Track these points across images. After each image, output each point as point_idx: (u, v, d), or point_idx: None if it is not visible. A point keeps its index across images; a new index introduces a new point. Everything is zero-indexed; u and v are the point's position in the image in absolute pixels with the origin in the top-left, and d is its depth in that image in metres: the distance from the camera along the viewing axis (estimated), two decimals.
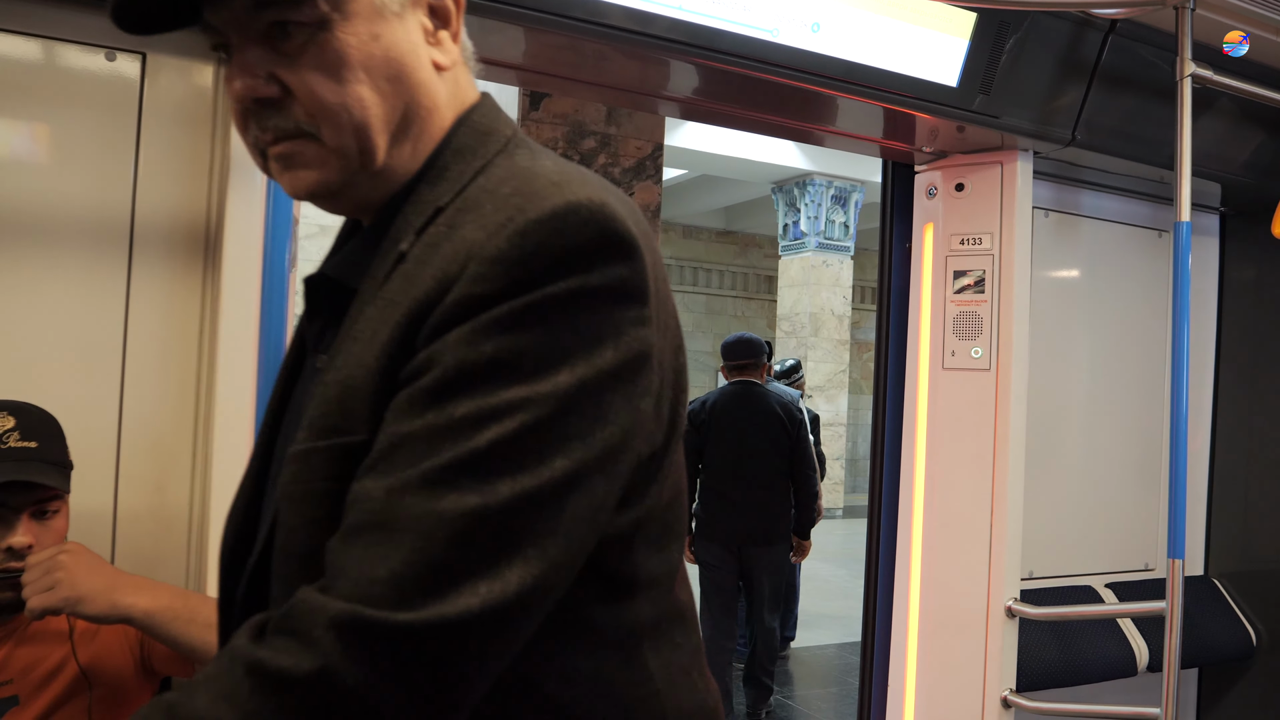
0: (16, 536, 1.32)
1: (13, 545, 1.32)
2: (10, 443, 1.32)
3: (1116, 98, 2.42)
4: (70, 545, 1.33)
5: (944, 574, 2.53)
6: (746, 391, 4.07)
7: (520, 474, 0.65)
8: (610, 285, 0.69)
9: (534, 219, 0.67)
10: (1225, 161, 2.73)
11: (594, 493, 0.69)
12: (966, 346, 2.52)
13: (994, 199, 2.51)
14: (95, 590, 1.28)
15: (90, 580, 1.28)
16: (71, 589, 1.26)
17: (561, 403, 0.66)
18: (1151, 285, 2.96)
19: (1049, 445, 2.73)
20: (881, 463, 2.72)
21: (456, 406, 0.65)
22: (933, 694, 2.53)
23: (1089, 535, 2.84)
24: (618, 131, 4.13)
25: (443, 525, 0.63)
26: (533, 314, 0.66)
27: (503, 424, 0.65)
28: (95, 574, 1.29)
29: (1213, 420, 3.14)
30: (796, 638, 5.85)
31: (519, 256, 0.66)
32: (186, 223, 1.71)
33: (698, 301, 15.16)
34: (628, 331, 0.70)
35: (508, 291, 0.66)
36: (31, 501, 1.34)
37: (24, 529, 1.33)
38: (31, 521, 1.34)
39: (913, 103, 2.20)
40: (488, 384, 0.65)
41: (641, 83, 2.13)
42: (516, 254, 0.66)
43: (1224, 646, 2.92)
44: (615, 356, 0.69)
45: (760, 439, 3.99)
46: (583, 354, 0.67)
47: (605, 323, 0.68)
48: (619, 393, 0.69)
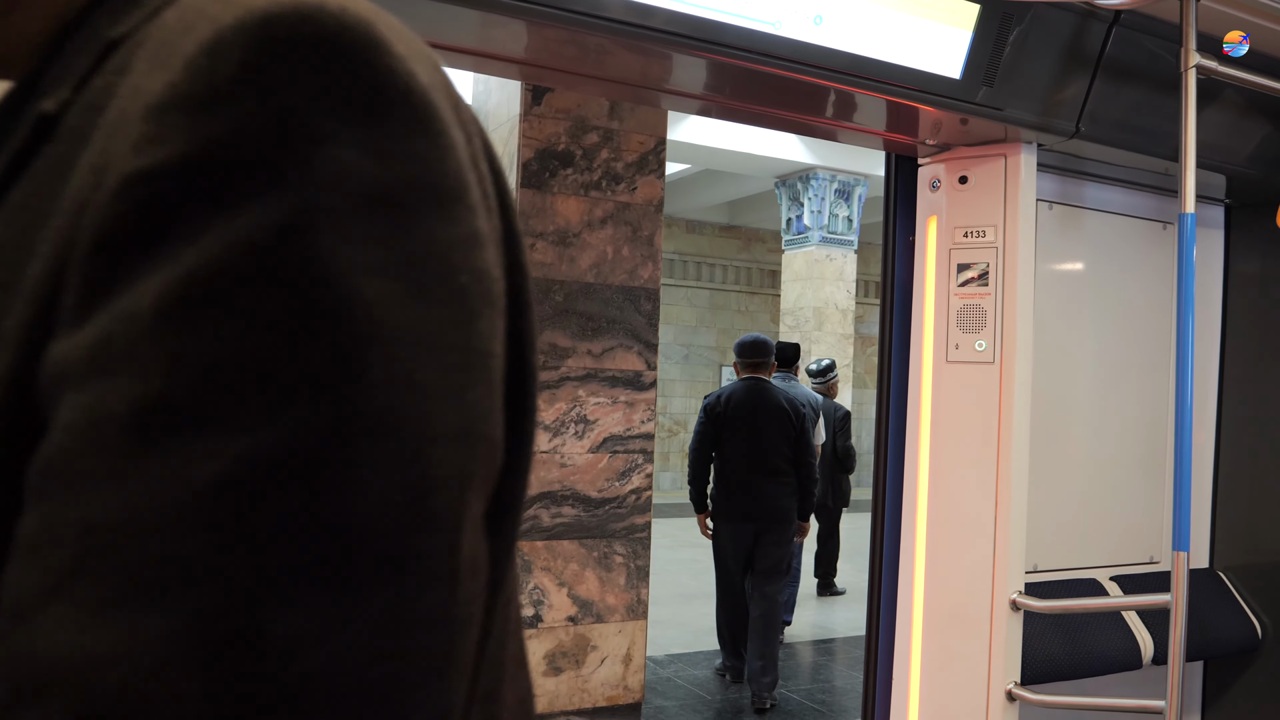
0: None
1: None
2: None
3: (1121, 89, 2.41)
4: None
5: (948, 567, 2.53)
6: (757, 387, 4.57)
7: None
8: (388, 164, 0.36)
9: (231, 28, 0.36)
10: (1230, 153, 2.72)
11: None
12: (970, 340, 2.51)
13: (998, 191, 2.50)
14: None
15: None
16: None
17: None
18: (1156, 278, 2.95)
19: (1053, 438, 2.72)
20: (885, 456, 2.71)
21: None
22: (937, 687, 2.53)
23: (1093, 528, 2.84)
24: (620, 126, 4.12)
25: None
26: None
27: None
28: None
29: (1218, 413, 3.13)
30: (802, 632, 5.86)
31: (206, 94, 0.35)
32: None
33: (701, 296, 15.15)
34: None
35: (189, 162, 0.34)
36: None
37: None
38: None
39: (916, 95, 2.20)
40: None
41: (644, 77, 2.12)
42: (202, 90, 0.35)
43: (1229, 639, 2.92)
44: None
45: (768, 430, 4.47)
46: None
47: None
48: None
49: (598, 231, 4.08)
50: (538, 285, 3.96)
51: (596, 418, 4.08)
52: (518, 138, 3.95)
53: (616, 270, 4.11)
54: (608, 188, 4.10)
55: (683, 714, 4.40)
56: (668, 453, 14.68)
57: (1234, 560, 3.08)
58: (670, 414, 14.73)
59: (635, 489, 4.16)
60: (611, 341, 4.11)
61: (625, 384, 4.14)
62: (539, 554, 3.98)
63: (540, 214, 3.97)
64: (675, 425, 14.82)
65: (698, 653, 5.41)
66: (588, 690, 4.08)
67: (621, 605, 4.14)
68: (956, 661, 2.49)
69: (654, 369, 4.22)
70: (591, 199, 4.07)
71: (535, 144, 3.96)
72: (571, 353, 4.04)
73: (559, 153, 4.00)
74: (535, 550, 3.97)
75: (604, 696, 4.11)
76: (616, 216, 4.12)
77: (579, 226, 4.05)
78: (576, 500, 4.05)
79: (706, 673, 5.05)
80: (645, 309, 4.19)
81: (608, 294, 4.10)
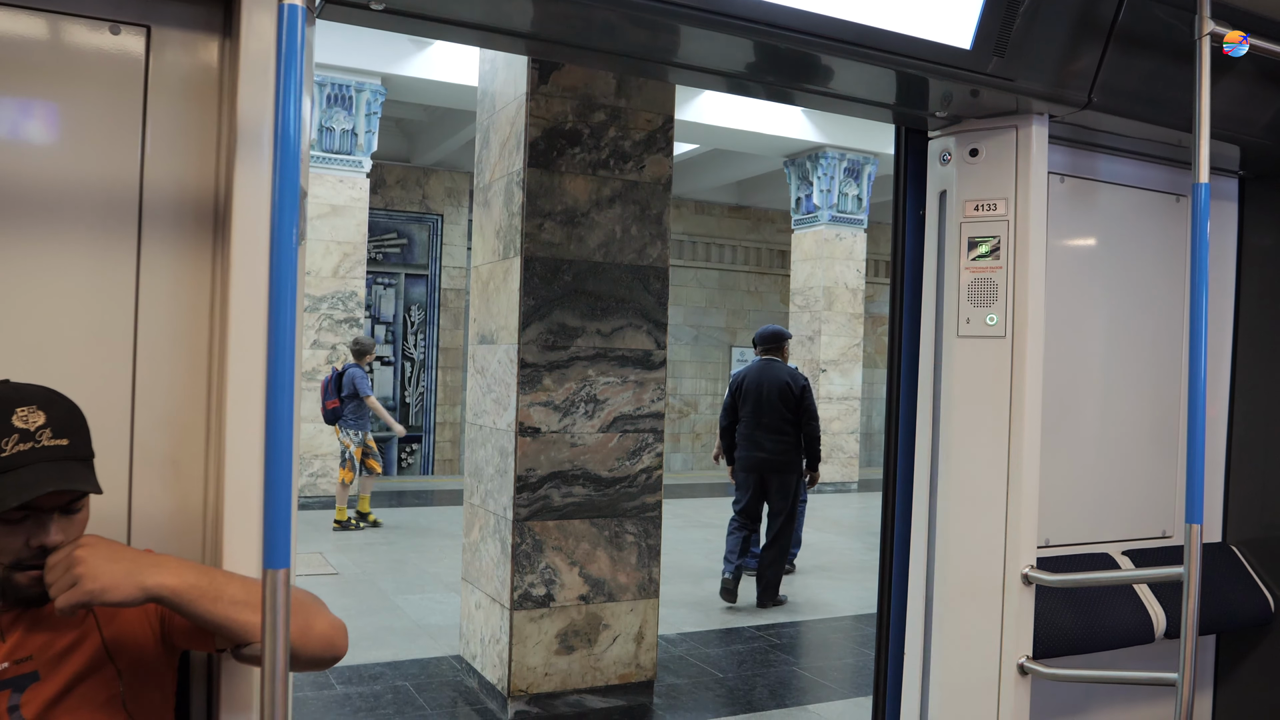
0: (50, 536, 1.33)
1: (46, 544, 1.33)
2: (44, 440, 1.32)
3: (1134, 59, 2.38)
4: (86, 539, 1.34)
5: (960, 542, 2.52)
6: (768, 365, 5.95)
7: None
8: None
9: None
10: (1245, 124, 2.69)
11: None
12: (981, 314, 2.49)
13: (1009, 164, 2.48)
14: (117, 578, 1.29)
15: (111, 569, 1.29)
16: (93, 581, 1.28)
17: None
18: (1168, 250, 2.93)
19: (1064, 412, 2.71)
20: (896, 430, 2.71)
21: None
22: (949, 661, 2.52)
23: (1106, 503, 2.83)
24: (627, 104, 4.10)
25: None
26: None
27: None
28: (114, 561, 1.31)
29: (1230, 388, 3.11)
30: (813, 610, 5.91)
31: None
32: (195, 198, 1.70)
33: (710, 277, 15.12)
34: None
35: None
36: (63, 501, 1.35)
37: (55, 528, 1.34)
38: (60, 518, 1.35)
39: (926, 66, 2.17)
40: None
41: (651, 50, 2.10)
42: None
43: (1242, 613, 2.91)
44: None
45: (772, 398, 5.80)
46: None
47: None
48: None
49: (606, 211, 4.07)
50: (546, 265, 3.96)
51: (606, 397, 4.08)
52: (525, 117, 3.93)
53: (625, 249, 4.10)
54: (616, 166, 4.08)
55: (695, 691, 4.42)
56: (678, 434, 14.69)
57: (1247, 534, 3.07)
58: (680, 395, 14.73)
59: (646, 468, 4.16)
60: (621, 321, 4.10)
61: (635, 363, 4.13)
62: (550, 533, 3.99)
63: (548, 193, 3.95)
64: (685, 406, 14.82)
65: (710, 631, 5.43)
66: (600, 669, 4.10)
67: (633, 584, 4.16)
68: (968, 635, 2.48)
69: (663, 348, 4.21)
70: (599, 178, 4.05)
71: (542, 123, 3.94)
72: (581, 332, 4.03)
73: (566, 131, 3.99)
74: (546, 530, 3.98)
75: (616, 675, 4.13)
76: (625, 195, 4.10)
77: (587, 206, 4.03)
78: (587, 480, 4.05)
79: (719, 651, 5.07)
80: (654, 288, 4.18)
81: (617, 273, 4.09)
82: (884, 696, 2.75)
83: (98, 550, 1.31)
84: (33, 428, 1.32)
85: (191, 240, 1.70)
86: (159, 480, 1.66)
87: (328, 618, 1.45)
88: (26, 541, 1.32)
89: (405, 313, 12.64)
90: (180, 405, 1.67)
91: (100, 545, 1.33)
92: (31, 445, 1.30)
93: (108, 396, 1.62)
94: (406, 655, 4.80)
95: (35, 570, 1.33)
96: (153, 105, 1.67)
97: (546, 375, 3.98)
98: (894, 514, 2.71)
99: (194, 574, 1.35)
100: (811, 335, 11.93)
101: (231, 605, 1.35)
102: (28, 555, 1.33)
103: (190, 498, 1.68)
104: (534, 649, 3.97)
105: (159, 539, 1.64)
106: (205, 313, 1.69)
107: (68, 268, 1.61)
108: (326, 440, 9.28)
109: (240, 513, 1.58)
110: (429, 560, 7.06)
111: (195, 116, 1.70)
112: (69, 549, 1.31)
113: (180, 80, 1.69)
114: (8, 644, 1.37)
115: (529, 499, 3.95)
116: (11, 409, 1.32)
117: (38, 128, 1.61)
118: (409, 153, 12.59)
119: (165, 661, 1.50)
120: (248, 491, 1.58)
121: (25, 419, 1.32)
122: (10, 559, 1.33)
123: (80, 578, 1.28)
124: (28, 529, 1.32)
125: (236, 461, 1.59)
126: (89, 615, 1.42)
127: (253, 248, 1.62)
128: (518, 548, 3.94)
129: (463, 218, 12.72)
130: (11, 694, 1.35)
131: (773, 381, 5.81)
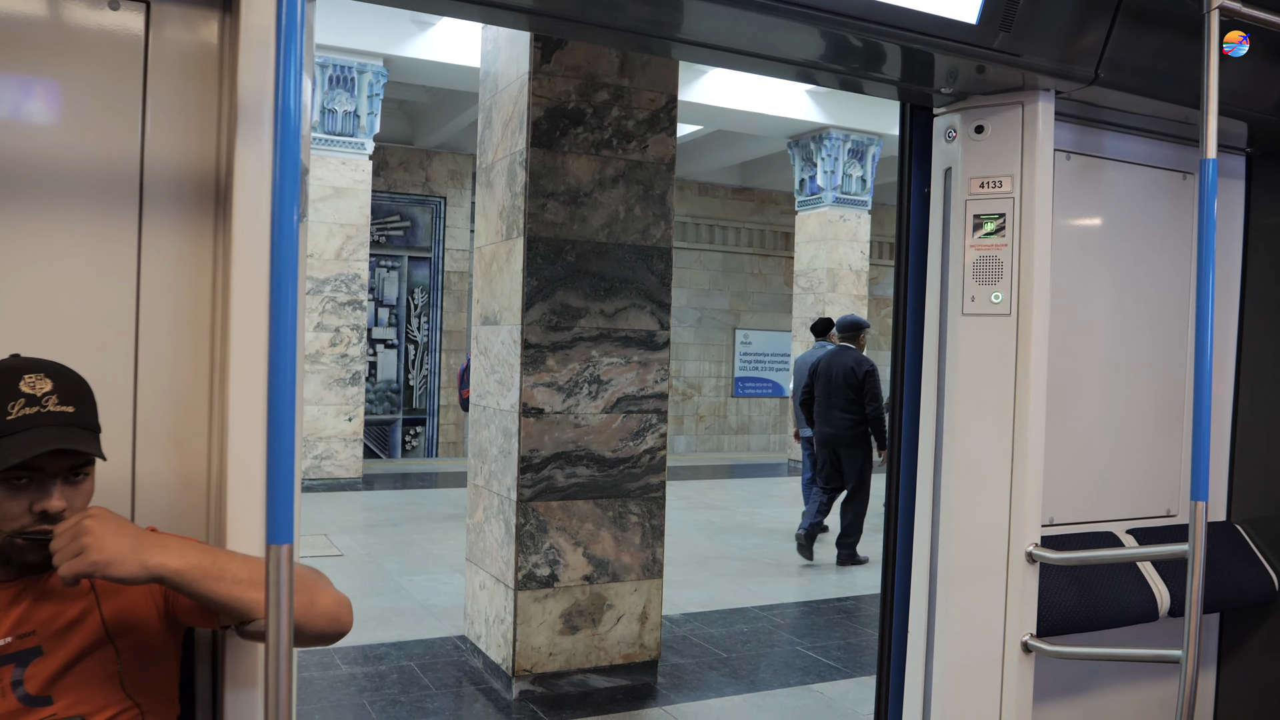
0: (52, 501, 1.34)
1: (47, 509, 1.33)
2: (49, 406, 1.33)
3: (1141, 34, 2.36)
4: (94, 510, 1.34)
5: (964, 520, 2.52)
6: (841, 352, 6.74)
7: None
8: None
9: None
10: (1253, 99, 2.67)
11: None
12: (986, 291, 2.48)
13: (1014, 141, 2.46)
14: (123, 553, 1.30)
15: (117, 543, 1.30)
16: (99, 553, 1.28)
17: None
18: (1175, 228, 2.91)
19: (1069, 391, 2.70)
20: (900, 409, 2.70)
21: None
22: (953, 639, 2.53)
23: (1110, 481, 2.82)
24: (631, 84, 4.08)
25: None
26: None
27: None
28: (121, 536, 1.31)
29: (1236, 367, 3.09)
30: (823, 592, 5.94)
31: None
32: (196, 175, 1.70)
33: (714, 259, 15.08)
34: None
35: None
36: (67, 467, 1.36)
37: (58, 493, 1.34)
38: (64, 485, 1.36)
39: (931, 41, 2.15)
40: None
41: (654, 25, 2.09)
42: None
43: (1246, 591, 2.91)
44: None
45: (840, 381, 6.61)
46: None
47: None
48: None
49: (609, 191, 4.05)
50: (549, 245, 3.94)
51: (610, 378, 4.08)
52: (527, 96, 3.91)
53: (629, 229, 4.09)
54: (619, 146, 4.06)
55: (700, 671, 4.44)
56: (682, 416, 14.69)
57: (1251, 513, 3.06)
58: (684, 378, 14.72)
59: (649, 449, 4.16)
60: (624, 301, 4.09)
61: (638, 344, 4.13)
62: (554, 514, 4.00)
63: (551, 173, 3.94)
64: (689, 389, 14.82)
65: (714, 612, 5.45)
66: (604, 648, 4.12)
67: (637, 564, 4.17)
68: (972, 614, 2.49)
69: (667, 329, 4.20)
70: (602, 158, 4.03)
71: (545, 102, 3.92)
72: (584, 313, 4.02)
73: (569, 111, 3.96)
74: (550, 510, 3.99)
75: (621, 654, 4.15)
76: (628, 175, 4.08)
77: (590, 185, 4.01)
78: (591, 460, 4.06)
79: (723, 631, 5.09)
80: (658, 268, 4.16)
81: (620, 253, 4.08)
82: (888, 675, 2.75)
83: (105, 523, 1.32)
84: (39, 393, 1.33)
85: (193, 218, 1.69)
86: (162, 458, 1.66)
87: (332, 593, 1.46)
88: (30, 507, 1.33)
89: (409, 295, 12.63)
90: (183, 382, 1.67)
91: (108, 518, 1.33)
92: (37, 410, 1.31)
93: (110, 375, 1.62)
94: (411, 636, 4.82)
95: (39, 538, 1.33)
96: (153, 82, 1.66)
97: (550, 356, 3.97)
98: (898, 492, 2.71)
99: (197, 554, 1.36)
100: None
101: (235, 584, 1.35)
102: (30, 521, 1.33)
103: (194, 475, 1.68)
104: (538, 629, 3.99)
105: (163, 516, 1.64)
106: (207, 290, 1.69)
107: (69, 246, 1.61)
108: (330, 423, 9.30)
109: (243, 489, 1.58)
110: (433, 542, 7.08)
111: (195, 93, 1.69)
112: (78, 518, 1.32)
113: (180, 57, 1.68)
114: (11, 618, 1.37)
115: (533, 480, 3.95)
116: (19, 376, 1.34)
117: (38, 106, 1.60)
118: (411, 135, 12.55)
119: (169, 639, 1.50)
120: (251, 467, 1.58)
121: (32, 385, 1.33)
122: (13, 525, 1.33)
123: (86, 548, 1.28)
124: (31, 494, 1.33)
125: (239, 438, 1.59)
126: (91, 592, 1.42)
127: (254, 225, 1.61)
128: (522, 528, 3.95)
129: (466, 200, 12.69)
130: (15, 668, 1.35)
131: (840, 366, 6.63)
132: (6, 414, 1.30)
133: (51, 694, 1.37)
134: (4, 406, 1.30)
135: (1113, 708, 2.90)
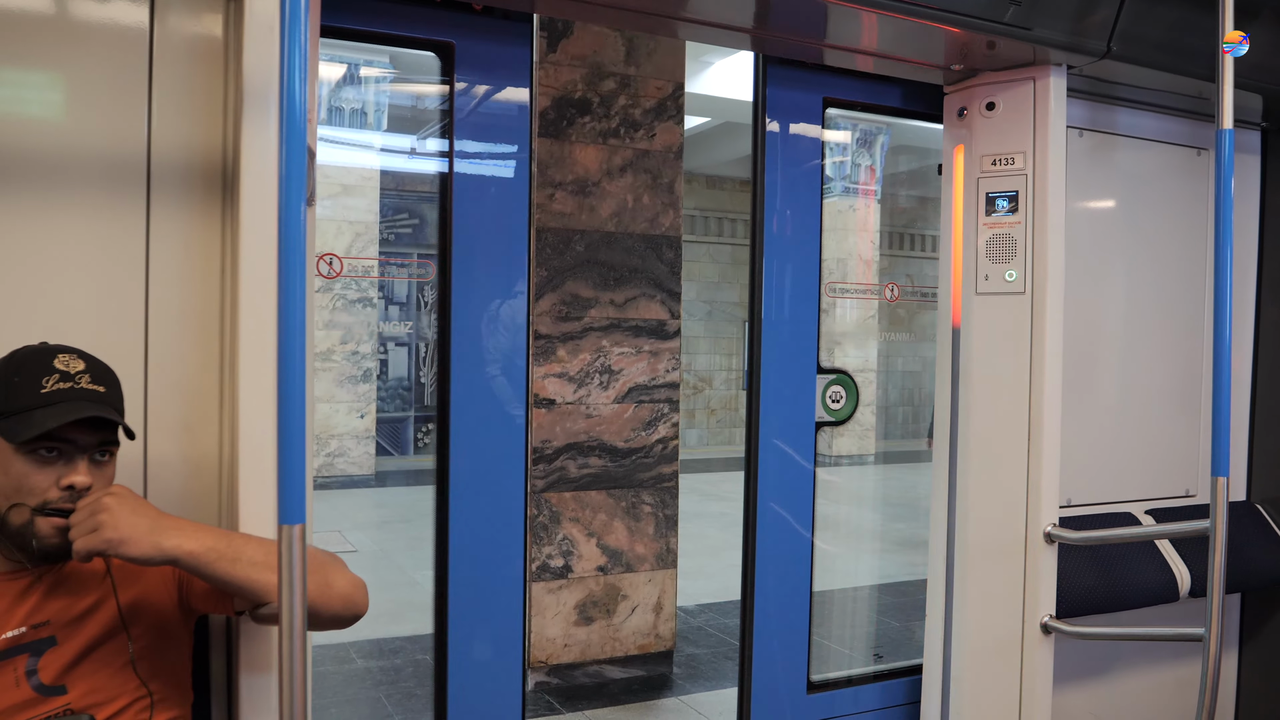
0: (78, 475, 1.35)
1: (74, 484, 1.34)
2: (83, 383, 1.35)
3: (1154, 5, 2.33)
4: (116, 489, 1.35)
5: (981, 501, 2.50)
6: None
7: None
8: None
9: None
10: (1269, 72, 2.63)
11: None
12: (1000, 270, 2.46)
13: (1026, 117, 2.43)
14: (138, 532, 1.30)
15: (133, 522, 1.30)
16: (114, 530, 1.28)
17: None
18: (1189, 204, 2.87)
19: (1085, 369, 2.67)
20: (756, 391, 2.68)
21: None
22: (971, 621, 2.51)
23: (1128, 461, 2.79)
24: (637, 72, 4.06)
25: None
26: None
27: None
28: (138, 516, 1.31)
29: (1255, 345, 3.06)
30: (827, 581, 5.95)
31: None
32: (203, 162, 1.69)
33: (723, 252, 15.04)
34: None
35: None
36: (95, 444, 1.37)
37: (84, 469, 1.35)
38: (90, 464, 1.36)
39: (941, 16, 2.13)
40: None
41: (660, 4, 2.07)
42: None
43: (1267, 571, 2.88)
44: None
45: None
46: None
47: None
48: None
49: (617, 180, 4.03)
50: (558, 236, 3.93)
51: (621, 368, 4.07)
52: (534, 86, 3.89)
53: (637, 219, 4.07)
54: (626, 135, 4.04)
55: (715, 661, 4.43)
56: (693, 409, 14.67)
57: (1271, 493, 3.03)
58: (695, 371, 14.70)
59: (662, 438, 4.15)
60: (634, 291, 4.08)
61: (649, 333, 4.11)
62: (567, 505, 3.99)
63: (559, 163, 3.92)
64: (700, 382, 14.80)
65: (728, 602, 5.43)
66: (619, 639, 4.11)
67: (651, 554, 4.15)
68: (991, 595, 2.47)
69: (677, 318, 4.19)
70: (610, 147, 4.02)
71: (552, 92, 3.91)
72: (594, 303, 4.01)
73: (576, 100, 3.95)
74: (563, 501, 3.98)
75: (636, 645, 4.14)
76: (636, 164, 4.07)
77: (598, 175, 4.00)
78: (603, 451, 4.04)
79: (737, 621, 5.07)
80: (667, 257, 4.15)
81: (629, 243, 4.06)
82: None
83: (125, 501, 1.32)
84: (73, 370, 1.36)
85: (200, 204, 1.68)
86: (173, 443, 1.66)
87: (347, 575, 1.45)
88: (56, 481, 1.34)
89: (419, 293, 12.64)
90: (193, 368, 1.67)
91: (128, 497, 1.33)
92: (71, 385, 1.34)
93: (121, 362, 1.61)
94: (426, 630, 4.81)
95: (59, 519, 1.33)
96: (158, 70, 1.65)
97: (560, 346, 3.96)
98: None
99: (211, 537, 1.36)
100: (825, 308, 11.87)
101: (250, 566, 1.35)
102: (55, 497, 1.33)
103: (205, 459, 1.68)
104: (553, 620, 3.98)
105: (175, 501, 1.64)
106: (216, 275, 1.69)
107: (78, 235, 1.61)
108: (343, 420, 9.32)
109: (255, 472, 1.57)
110: None
111: (201, 80, 1.69)
112: (98, 494, 1.33)
113: (185, 44, 1.68)
114: (25, 608, 1.37)
115: (545, 470, 3.95)
116: (54, 355, 1.37)
117: (44, 95, 1.60)
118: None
119: (183, 625, 1.50)
120: (262, 450, 1.57)
121: (66, 364, 1.37)
122: (38, 500, 1.33)
123: (102, 525, 1.28)
124: (59, 468, 1.34)
125: (250, 420, 1.58)
126: (106, 578, 1.42)
127: (262, 210, 1.60)
128: (535, 520, 3.94)
129: None
130: (30, 659, 1.35)
131: None
132: (41, 387, 1.32)
133: (65, 683, 1.37)
134: (39, 381, 1.33)
135: (1133, 689, 2.87)
